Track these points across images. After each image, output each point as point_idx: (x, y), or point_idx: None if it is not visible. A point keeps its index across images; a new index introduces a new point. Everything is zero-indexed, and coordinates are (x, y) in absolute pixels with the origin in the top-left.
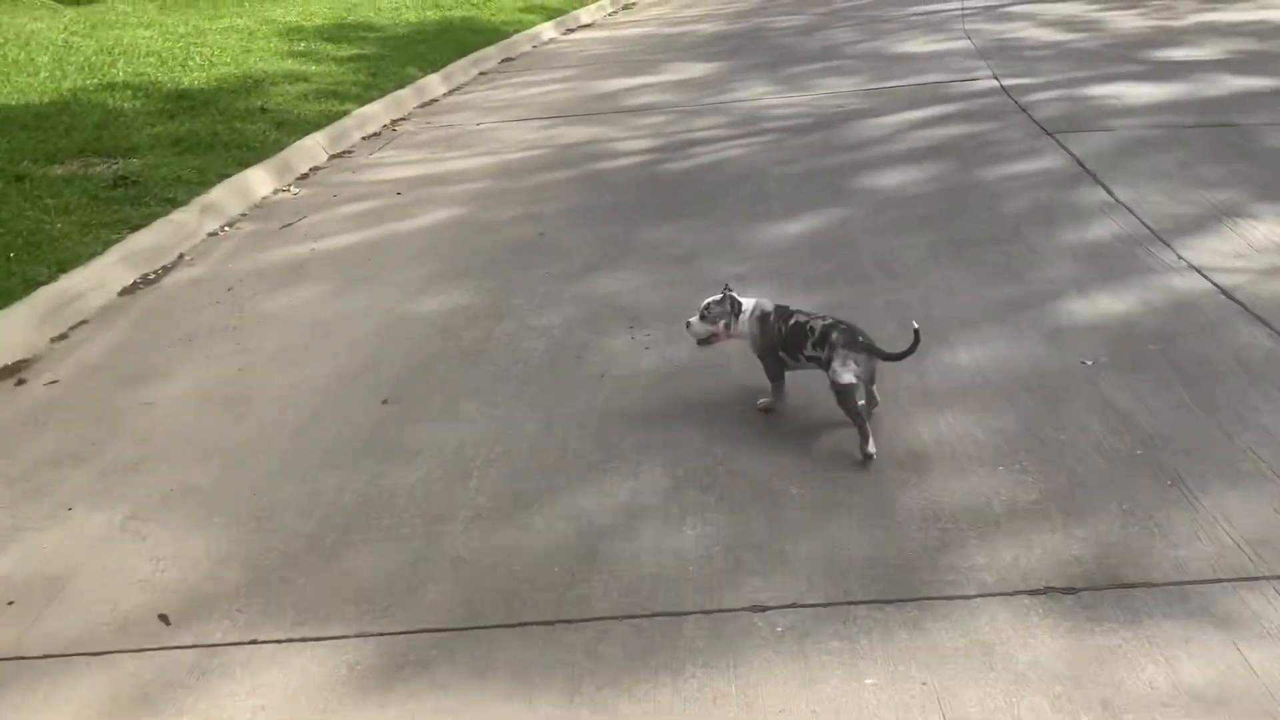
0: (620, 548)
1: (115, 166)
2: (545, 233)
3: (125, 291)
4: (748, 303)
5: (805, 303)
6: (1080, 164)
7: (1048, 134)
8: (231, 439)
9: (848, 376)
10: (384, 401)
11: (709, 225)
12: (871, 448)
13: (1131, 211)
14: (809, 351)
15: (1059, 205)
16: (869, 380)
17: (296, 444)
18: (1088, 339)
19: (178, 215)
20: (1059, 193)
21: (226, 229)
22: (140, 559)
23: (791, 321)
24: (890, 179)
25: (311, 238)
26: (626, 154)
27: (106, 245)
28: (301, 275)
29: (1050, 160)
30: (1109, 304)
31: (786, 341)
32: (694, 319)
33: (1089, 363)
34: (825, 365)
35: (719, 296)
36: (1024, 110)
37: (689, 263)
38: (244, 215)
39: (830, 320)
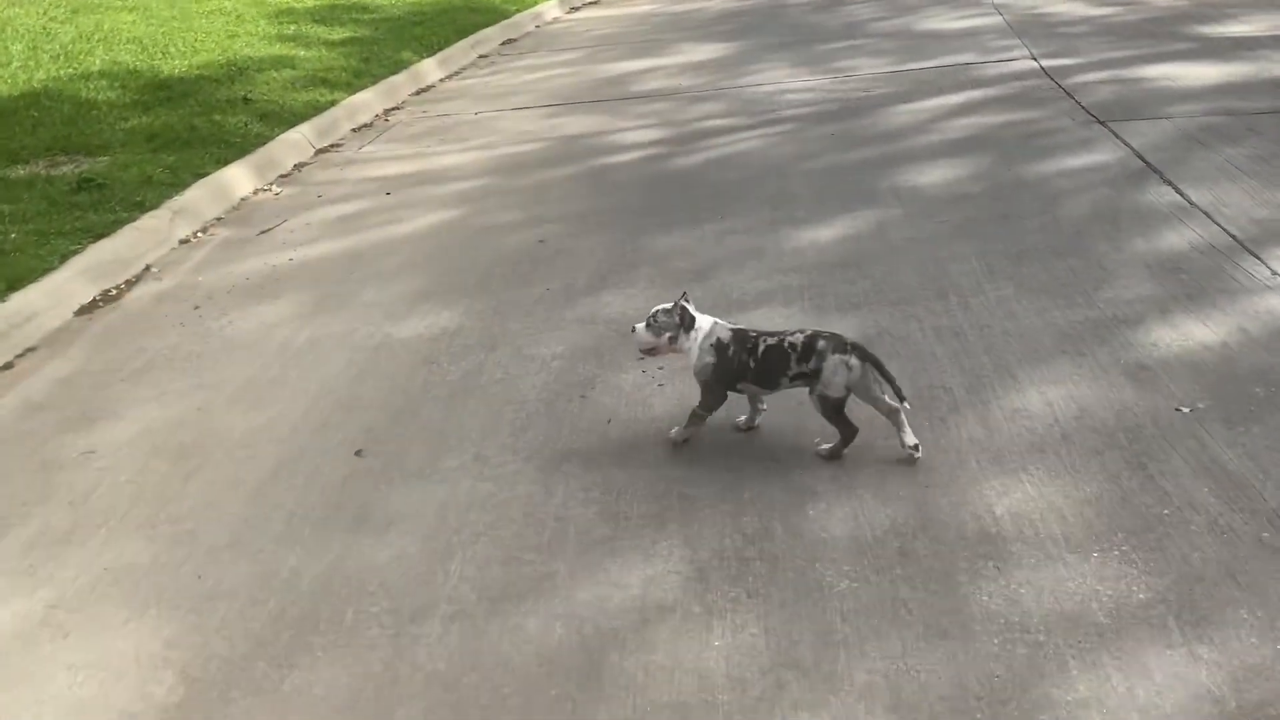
0: (631, 663)
1: (81, 166)
2: (546, 240)
3: (83, 310)
4: (704, 321)
5: (841, 328)
6: (1141, 158)
7: (1099, 122)
8: (179, 502)
9: (839, 391)
10: (357, 453)
11: (726, 232)
12: (842, 455)
13: (1209, 216)
14: (794, 370)
15: (1124, 208)
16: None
17: (253, 509)
18: (1180, 378)
19: (146, 221)
20: (1122, 193)
21: (199, 235)
22: (57, 666)
23: (762, 348)
24: (928, 176)
25: (290, 245)
26: (634, 147)
27: (64, 258)
28: (276, 291)
29: (1106, 153)
30: (1199, 332)
31: (762, 371)
32: (640, 325)
33: (1186, 410)
34: (813, 379)
35: (669, 305)
36: (1069, 95)
37: (705, 278)
38: (220, 219)
39: (810, 331)
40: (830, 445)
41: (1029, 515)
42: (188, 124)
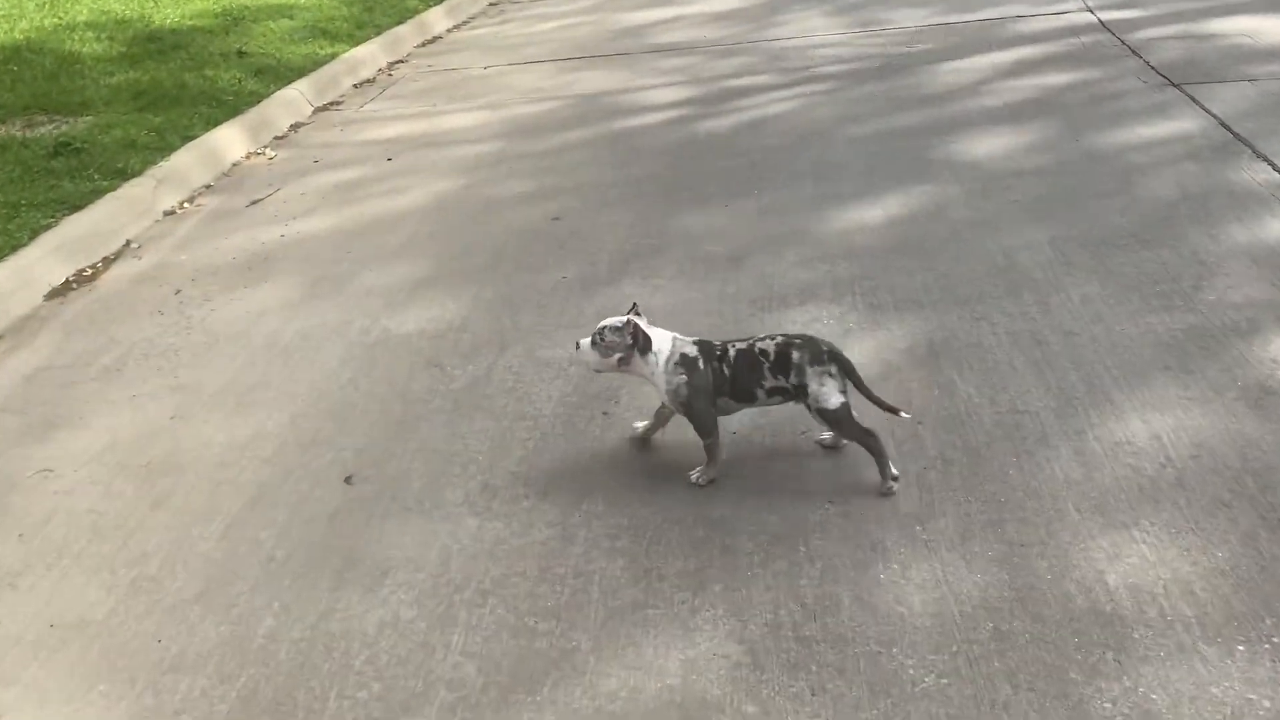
0: None
1: (60, 128)
2: (561, 217)
3: (54, 294)
4: (662, 340)
5: (901, 331)
6: (1226, 127)
7: (1173, 85)
8: (144, 536)
9: (836, 398)
10: (347, 479)
11: (763, 209)
12: (895, 471)
13: None
14: (771, 382)
15: (1214, 188)
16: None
17: (227, 549)
18: None
19: (127, 190)
20: (1209, 169)
21: (185, 206)
22: None
23: (734, 352)
24: (986, 146)
25: (283, 219)
26: (656, 107)
27: (35, 233)
28: (265, 273)
29: (1185, 121)
30: None
31: (738, 380)
32: (585, 341)
33: None
34: (797, 394)
35: (619, 321)
36: (1135, 52)
37: (741, 265)
38: (209, 187)
39: (780, 338)
40: (881, 479)
41: (1149, 588)
42: (177, 80)
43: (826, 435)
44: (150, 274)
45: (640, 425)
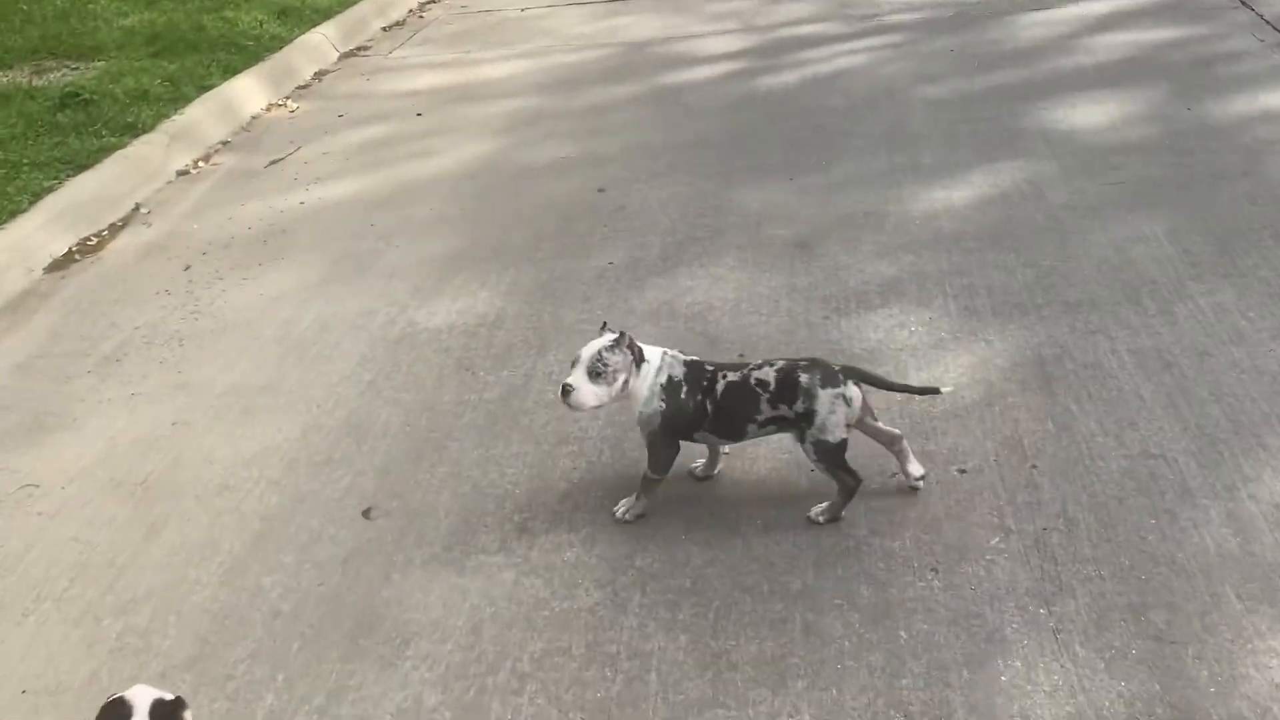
0: None
1: (69, 76)
2: (606, 189)
3: (55, 266)
4: (651, 354)
5: (1003, 344)
6: None
7: None
8: (134, 577)
9: (841, 431)
10: (365, 513)
11: (832, 184)
12: (840, 516)
13: None
14: (768, 413)
15: None
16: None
17: (226, 599)
18: None
19: (137, 148)
20: None
21: (200, 165)
22: None
23: (722, 385)
24: (1083, 114)
25: (303, 182)
26: (709, 59)
27: (37, 196)
28: (281, 248)
29: None
30: None
31: (722, 415)
32: (575, 379)
33: None
34: (803, 422)
35: (611, 340)
36: (1244, 4)
37: (810, 253)
38: (225, 143)
39: (781, 363)
40: (827, 505)
41: None
42: (194, 22)
43: (915, 472)
44: (159, 245)
45: (698, 464)
